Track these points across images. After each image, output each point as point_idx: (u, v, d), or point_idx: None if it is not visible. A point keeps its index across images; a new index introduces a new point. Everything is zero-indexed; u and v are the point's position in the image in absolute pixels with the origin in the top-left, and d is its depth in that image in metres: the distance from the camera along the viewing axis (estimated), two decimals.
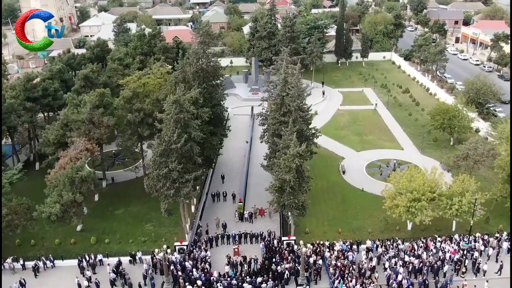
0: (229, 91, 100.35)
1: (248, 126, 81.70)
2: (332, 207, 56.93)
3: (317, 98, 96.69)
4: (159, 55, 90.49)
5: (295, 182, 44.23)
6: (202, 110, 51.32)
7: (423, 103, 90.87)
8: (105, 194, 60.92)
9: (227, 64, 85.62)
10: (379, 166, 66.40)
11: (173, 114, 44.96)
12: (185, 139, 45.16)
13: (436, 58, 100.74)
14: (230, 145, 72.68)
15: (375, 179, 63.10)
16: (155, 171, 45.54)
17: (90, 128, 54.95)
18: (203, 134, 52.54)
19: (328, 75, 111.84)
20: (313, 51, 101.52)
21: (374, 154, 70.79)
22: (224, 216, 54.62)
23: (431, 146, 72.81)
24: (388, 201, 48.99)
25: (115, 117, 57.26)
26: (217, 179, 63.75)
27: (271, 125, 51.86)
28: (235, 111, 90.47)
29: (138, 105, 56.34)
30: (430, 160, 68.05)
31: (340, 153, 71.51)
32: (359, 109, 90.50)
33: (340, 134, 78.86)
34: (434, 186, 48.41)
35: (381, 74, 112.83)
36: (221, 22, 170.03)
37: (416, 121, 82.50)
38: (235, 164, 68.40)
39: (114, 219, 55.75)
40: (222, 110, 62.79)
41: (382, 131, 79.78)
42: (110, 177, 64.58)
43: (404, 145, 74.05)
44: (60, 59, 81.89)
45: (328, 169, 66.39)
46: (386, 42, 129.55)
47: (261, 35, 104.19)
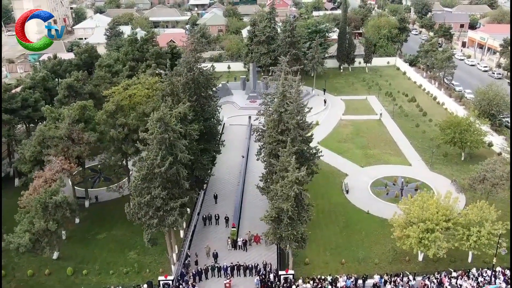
0: (225, 98, 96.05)
1: (244, 138, 76.60)
2: (335, 232, 51.87)
3: (318, 106, 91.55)
4: (151, 61, 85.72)
5: (294, 212, 39.20)
6: (191, 127, 46.26)
7: (430, 113, 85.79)
8: (88, 215, 55.94)
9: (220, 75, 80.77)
10: (385, 185, 61.33)
11: (156, 134, 39.94)
12: (170, 162, 40.15)
13: (443, 64, 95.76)
14: (225, 159, 67.66)
15: (381, 200, 58.03)
16: (136, 197, 40.51)
17: (68, 145, 49.90)
18: (193, 152, 47.63)
19: (329, 81, 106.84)
20: (314, 57, 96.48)
21: (380, 170, 65.71)
22: (215, 243, 49.67)
23: (441, 162, 67.71)
24: (397, 231, 43.92)
25: (97, 132, 52.21)
26: (209, 199, 58.68)
27: (268, 144, 46.80)
28: (231, 120, 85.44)
29: (122, 119, 51.34)
30: (441, 178, 63.04)
31: (343, 169, 66.43)
32: (363, 119, 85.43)
33: (343, 147, 73.79)
34: (449, 214, 43.35)
35: (385, 80, 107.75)
36: (219, 24, 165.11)
37: (424, 133, 77.38)
38: (229, 182, 63.28)
39: (95, 245, 50.72)
40: (215, 124, 57.74)
41: (388, 144, 74.68)
42: (94, 196, 59.56)
43: (411, 160, 68.95)
44: (44, 65, 76.89)
45: (330, 187, 61.33)
46: (390, 46, 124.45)
47: (259, 40, 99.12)
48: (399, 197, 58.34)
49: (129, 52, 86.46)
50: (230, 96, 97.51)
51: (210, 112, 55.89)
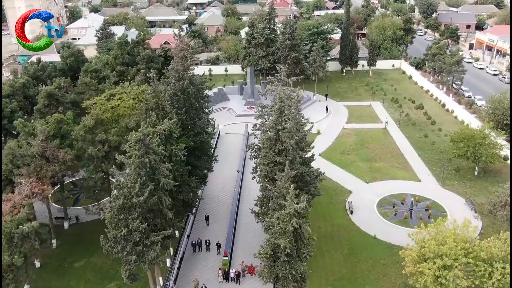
0: (221, 104, 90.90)
1: (240, 149, 71.33)
2: (338, 261, 46.70)
3: (319, 113, 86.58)
4: (142, 66, 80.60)
5: (292, 248, 34.05)
6: (177, 147, 41.06)
7: (439, 121, 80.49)
8: (66, 238, 50.92)
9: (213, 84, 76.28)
10: (393, 204, 56.17)
11: (135, 158, 34.78)
12: (151, 190, 35.02)
13: (452, 69, 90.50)
14: (219, 174, 62.52)
15: (389, 222, 52.87)
16: (112, 230, 35.37)
17: (42, 165, 44.75)
18: (179, 174, 42.49)
19: (332, 85, 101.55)
20: (315, 60, 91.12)
21: (387, 187, 60.52)
22: (205, 273, 44.64)
23: (453, 177, 62.48)
24: (409, 266, 38.73)
25: (75, 149, 47.04)
26: (200, 220, 53.53)
27: (263, 165, 41.62)
28: (227, 129, 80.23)
29: (102, 135, 46.10)
30: (453, 196, 57.89)
31: (346, 184, 61.24)
32: (367, 128, 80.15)
33: (346, 160, 68.57)
34: (469, 247, 38.12)
35: (390, 85, 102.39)
36: (218, 24, 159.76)
37: (433, 144, 72.09)
38: (223, 200, 58.04)
39: (71, 275, 45.61)
40: (207, 139, 52.58)
41: (395, 156, 69.45)
42: (74, 216, 54.43)
43: (420, 174, 63.71)
44: (26, 71, 71.71)
45: (332, 206, 56.19)
46: (395, 49, 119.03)
47: (258, 42, 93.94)
48: (408, 219, 53.38)
49: (119, 56, 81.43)
50: (226, 102, 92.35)
51: (201, 125, 50.75)
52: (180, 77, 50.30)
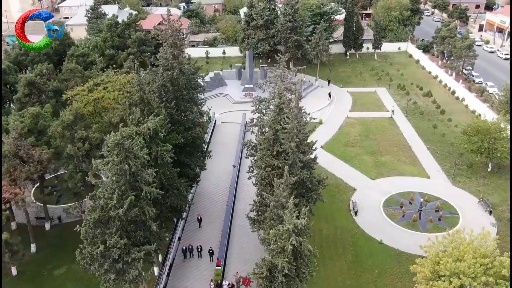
0: (218, 90, 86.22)
1: (237, 140, 66.92)
2: (342, 269, 42.83)
3: (322, 100, 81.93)
4: (133, 49, 75.66)
5: (291, 268, 30.03)
6: (163, 148, 36.68)
7: (448, 110, 75.76)
8: (47, 241, 47.05)
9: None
10: (401, 204, 52.08)
11: (112, 165, 30.46)
12: (131, 200, 30.82)
13: (463, 53, 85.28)
14: (213, 169, 58.38)
15: (397, 224, 48.85)
16: (87, 246, 31.30)
17: (15, 165, 40.46)
18: (166, 178, 38.27)
19: (335, 70, 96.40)
20: (318, 44, 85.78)
21: (393, 184, 56.38)
22: (196, 284, 41.16)
23: (465, 173, 58.23)
24: (422, 284, 34.77)
25: (53, 147, 42.68)
26: (192, 221, 49.54)
27: (260, 168, 37.28)
28: (223, 117, 75.63)
29: (82, 132, 41.65)
30: (465, 195, 53.82)
31: (350, 181, 57.06)
32: (373, 117, 75.52)
33: (350, 152, 64.19)
34: (488, 263, 34.12)
35: (396, 70, 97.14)
36: (216, 3, 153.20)
37: (443, 136, 67.55)
38: (217, 199, 53.93)
39: (50, 284, 41.86)
40: (199, 135, 48.17)
41: (402, 149, 65.03)
42: (57, 216, 50.41)
43: (429, 170, 59.43)
44: (7, 55, 66.79)
45: (335, 206, 52.11)
46: (402, 30, 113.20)
47: (257, 24, 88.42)
48: (417, 221, 49.36)
49: (108, 39, 76.34)
50: (223, 87, 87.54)
51: (192, 119, 46.24)
52: (169, 66, 45.68)
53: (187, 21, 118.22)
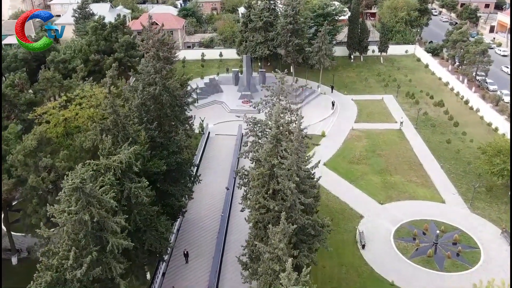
0: (213, 97, 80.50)
1: (232, 156, 61.02)
2: None
3: (325, 110, 75.97)
4: (120, 54, 69.77)
5: None
6: (137, 185, 30.78)
7: (462, 122, 69.65)
8: (12, 279, 41.22)
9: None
10: (414, 236, 46.27)
11: (65, 219, 24.62)
12: (92, 259, 25.02)
13: (477, 59, 79.21)
14: (204, 191, 52.75)
15: (410, 261, 43.11)
16: None
17: None
18: (144, 217, 32.44)
19: (338, 74, 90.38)
20: (321, 48, 79.67)
21: (404, 210, 50.60)
22: None
23: (483, 197, 52.41)
24: None
25: (13, 177, 36.85)
26: (178, 255, 43.74)
27: (253, 209, 31.39)
28: (218, 128, 69.72)
29: (48, 160, 35.79)
30: (486, 225, 48.13)
31: (356, 206, 51.26)
32: (380, 129, 69.50)
33: (356, 171, 58.31)
34: None
35: (404, 75, 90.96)
36: (214, 1, 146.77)
37: (458, 153, 61.61)
38: (207, 227, 48.07)
39: None
40: (186, 157, 42.29)
41: (413, 167, 59.12)
42: (25, 247, 44.67)
43: (444, 193, 53.61)
44: None
45: (340, 238, 46.30)
46: (409, 32, 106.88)
47: (255, 26, 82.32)
48: (432, 256, 43.62)
49: (93, 42, 70.39)
50: (219, 94, 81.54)
51: (177, 142, 40.35)
52: (151, 81, 39.80)
53: (182, 20, 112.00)
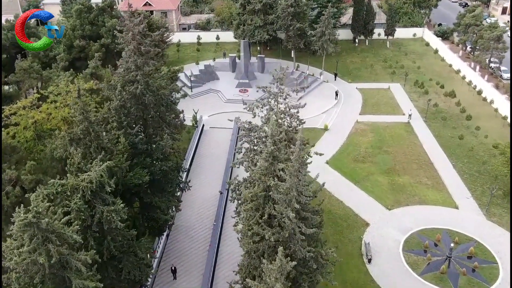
0: (209, 85, 75.49)
1: (228, 152, 56.48)
2: None
3: (328, 100, 71.08)
4: (107, 40, 64.61)
5: None
6: (111, 208, 26.32)
7: (475, 115, 64.80)
8: None
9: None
10: (425, 248, 42.13)
11: (15, 263, 20.24)
12: None
13: (491, 45, 73.89)
14: (197, 193, 48.46)
15: (421, 278, 39.10)
16: None
17: None
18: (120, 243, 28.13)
19: (342, 60, 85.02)
20: (324, 33, 74.16)
21: (414, 216, 46.37)
22: None
23: (501, 203, 48.08)
24: None
25: None
26: (165, 272, 39.67)
27: (245, 235, 27.01)
28: (213, 121, 64.98)
29: (12, 172, 31.32)
30: (504, 235, 43.95)
31: (362, 212, 47.00)
32: (386, 121, 64.72)
33: (361, 170, 53.89)
34: None
35: (412, 61, 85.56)
36: None
37: (471, 150, 57.04)
38: (198, 237, 43.76)
39: None
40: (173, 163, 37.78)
41: (422, 166, 54.67)
42: None
43: (457, 197, 49.27)
44: None
45: (344, 250, 42.11)
46: (417, 14, 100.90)
47: (254, 8, 76.64)
48: (446, 273, 39.54)
49: (78, 27, 65.05)
50: (215, 82, 76.45)
51: (162, 148, 35.77)
52: (132, 79, 34.99)
53: (177, 0, 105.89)
